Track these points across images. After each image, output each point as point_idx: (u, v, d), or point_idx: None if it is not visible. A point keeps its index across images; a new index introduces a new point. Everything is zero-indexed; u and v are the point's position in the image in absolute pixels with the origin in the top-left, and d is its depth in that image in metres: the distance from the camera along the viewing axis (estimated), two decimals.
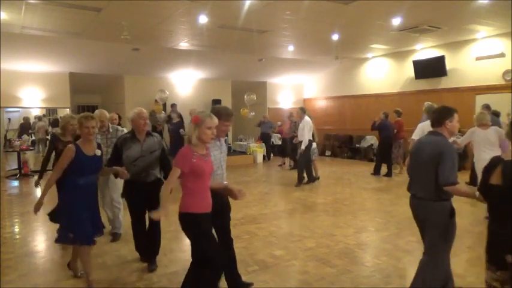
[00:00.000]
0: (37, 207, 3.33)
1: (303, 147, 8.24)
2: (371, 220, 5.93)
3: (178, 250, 4.46)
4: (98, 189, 3.80)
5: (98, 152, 3.42)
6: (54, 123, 11.84)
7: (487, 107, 7.71)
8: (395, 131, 9.79)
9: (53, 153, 4.42)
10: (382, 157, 9.81)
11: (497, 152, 5.22)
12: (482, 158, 5.39)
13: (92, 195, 3.51)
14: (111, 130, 4.95)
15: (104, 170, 3.70)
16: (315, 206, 6.71)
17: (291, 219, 6.10)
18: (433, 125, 2.96)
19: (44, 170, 4.48)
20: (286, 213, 6.52)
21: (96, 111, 4.79)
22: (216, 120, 2.76)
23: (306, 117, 8.39)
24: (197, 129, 2.70)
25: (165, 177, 3.69)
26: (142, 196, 3.77)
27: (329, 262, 4.09)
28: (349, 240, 4.82)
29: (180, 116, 12.52)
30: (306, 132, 8.22)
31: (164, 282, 3.65)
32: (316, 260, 4.16)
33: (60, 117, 7.36)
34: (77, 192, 3.32)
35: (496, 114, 8.00)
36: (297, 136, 8.68)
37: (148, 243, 3.97)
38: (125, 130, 4.92)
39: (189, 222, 2.73)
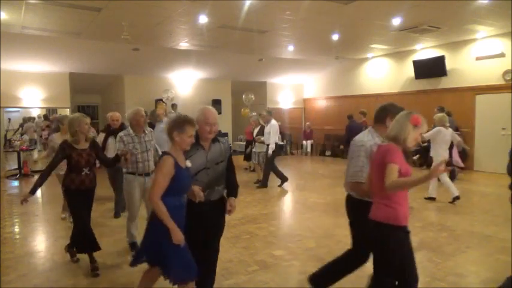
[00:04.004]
0: None
1: (270, 151, 8.17)
2: None
3: None
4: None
5: (189, 164, 2.65)
6: (45, 118, 11.83)
7: (441, 108, 8.56)
8: (363, 129, 10.06)
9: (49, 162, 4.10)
10: None
11: (447, 151, 6.50)
12: (440, 154, 6.26)
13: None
14: (147, 132, 4.39)
15: None
16: (315, 206, 6.71)
17: (291, 219, 6.10)
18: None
19: (43, 181, 3.64)
20: (286, 213, 6.53)
21: (135, 110, 4.27)
22: None
23: (273, 121, 8.35)
24: (416, 130, 2.40)
25: (230, 194, 2.97)
26: (204, 222, 2.82)
27: None
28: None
29: None
30: (272, 135, 8.17)
31: (164, 282, 3.64)
32: (316, 260, 4.15)
33: (56, 118, 7.09)
34: (176, 217, 2.56)
35: (449, 114, 8.51)
36: (260, 141, 8.59)
37: None
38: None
39: (389, 236, 2.40)
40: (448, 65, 10.74)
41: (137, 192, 4.20)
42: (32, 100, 11.23)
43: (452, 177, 8.32)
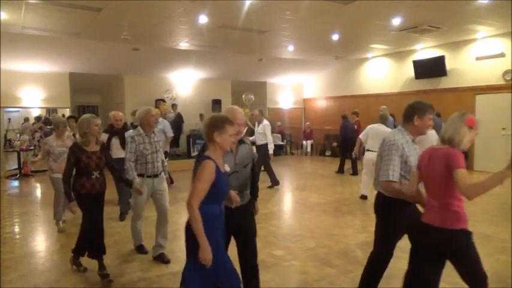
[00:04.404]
0: None
1: (271, 151, 8.04)
2: (371, 220, 5.92)
3: (178, 250, 4.46)
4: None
5: (227, 168, 2.51)
6: (46, 122, 11.82)
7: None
8: (355, 128, 10.61)
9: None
10: (344, 156, 10.31)
11: None
12: None
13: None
14: (155, 132, 4.31)
15: None
16: (315, 206, 6.71)
17: (291, 219, 6.10)
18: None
19: (69, 186, 3.61)
20: (286, 213, 6.53)
21: (146, 109, 4.17)
22: None
23: (265, 121, 8.20)
24: (472, 131, 2.34)
25: (252, 196, 2.89)
26: (237, 227, 2.73)
27: (329, 262, 4.09)
28: (349, 240, 4.81)
29: (180, 116, 12.53)
30: (268, 134, 8.04)
31: (164, 282, 3.65)
32: (316, 260, 4.16)
33: (55, 119, 6.79)
34: (217, 226, 2.41)
35: (438, 115, 9.03)
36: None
37: None
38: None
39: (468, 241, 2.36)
40: (448, 65, 10.74)
41: (145, 194, 4.07)
42: (32, 100, 11.23)
43: None
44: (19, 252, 4.53)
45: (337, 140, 13.43)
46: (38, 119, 12.32)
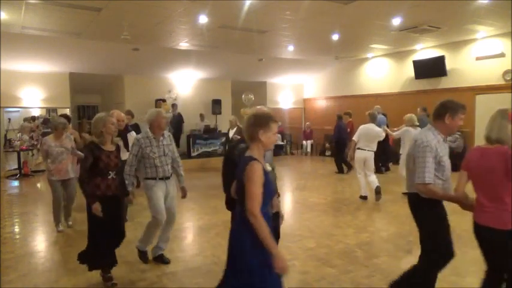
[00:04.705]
0: None
1: None
2: (371, 220, 5.93)
3: (177, 250, 4.46)
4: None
5: (269, 168, 2.40)
6: (45, 122, 11.83)
7: (424, 109, 9.33)
8: (348, 130, 10.78)
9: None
10: (338, 156, 10.47)
11: None
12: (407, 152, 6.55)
13: None
14: (165, 135, 4.08)
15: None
16: (315, 206, 6.71)
17: (291, 219, 6.10)
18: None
19: (88, 187, 3.38)
20: (286, 213, 6.51)
21: (157, 111, 4.00)
22: None
23: None
24: None
25: None
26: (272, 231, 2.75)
27: (329, 262, 4.09)
28: (349, 240, 4.81)
29: (180, 116, 12.54)
30: None
31: (164, 282, 3.65)
32: (316, 260, 4.16)
33: (54, 119, 6.30)
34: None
35: (427, 114, 9.19)
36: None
37: None
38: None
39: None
40: (448, 65, 10.74)
41: (161, 196, 3.91)
42: (32, 100, 11.23)
43: None
44: (19, 252, 4.52)
45: (331, 140, 13.47)
46: (33, 118, 12.33)
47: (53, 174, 5.13)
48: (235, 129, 8.67)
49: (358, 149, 6.84)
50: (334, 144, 10.98)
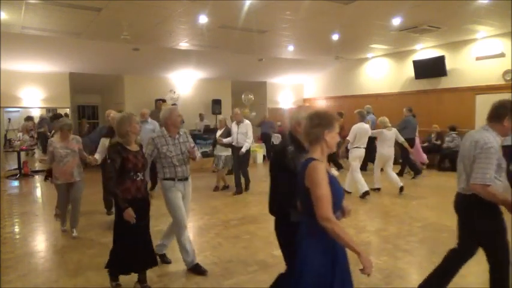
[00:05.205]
0: None
1: (244, 150, 7.52)
2: (371, 220, 5.93)
3: (178, 250, 4.46)
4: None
5: (336, 172, 2.27)
6: (40, 122, 11.84)
7: (410, 109, 9.78)
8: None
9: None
10: (329, 156, 10.41)
11: (393, 149, 7.56)
12: (383, 153, 7.48)
13: None
14: (181, 133, 3.94)
15: None
16: None
17: None
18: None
19: (116, 191, 3.21)
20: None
21: (171, 108, 3.85)
22: None
23: (246, 120, 7.86)
24: None
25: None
26: None
27: None
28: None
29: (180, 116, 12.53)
30: (251, 134, 7.67)
31: (164, 282, 3.65)
32: None
33: (59, 121, 5.62)
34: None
35: (414, 116, 9.81)
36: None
37: None
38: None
39: None
40: (448, 65, 10.74)
41: (181, 198, 3.81)
42: (32, 100, 11.23)
43: (417, 173, 9.31)
44: (19, 252, 4.52)
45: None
46: (29, 118, 12.34)
47: (58, 177, 4.94)
48: (223, 129, 8.04)
49: (356, 147, 7.28)
50: None
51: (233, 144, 7.72)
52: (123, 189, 3.22)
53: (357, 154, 7.29)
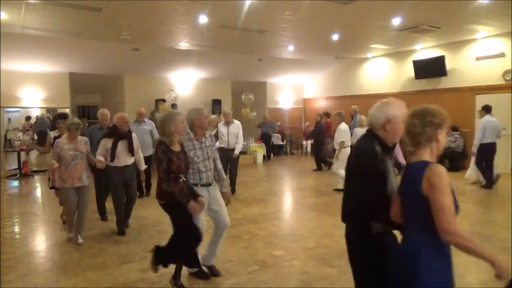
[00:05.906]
0: None
1: (237, 152, 7.42)
2: None
3: None
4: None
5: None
6: (60, 116, 11.86)
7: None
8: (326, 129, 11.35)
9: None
10: (318, 155, 11.11)
11: None
12: None
13: None
14: (207, 136, 3.71)
15: None
16: (315, 206, 6.71)
17: (291, 219, 6.10)
18: None
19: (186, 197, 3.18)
20: (286, 213, 6.53)
21: (198, 109, 3.64)
22: None
23: (236, 121, 7.69)
24: None
25: None
26: None
27: (329, 262, 4.09)
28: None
29: None
30: (241, 135, 7.54)
31: (164, 282, 3.65)
32: (317, 260, 4.16)
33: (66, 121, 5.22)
34: (445, 252, 1.89)
35: None
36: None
37: None
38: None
39: None
40: (448, 65, 10.73)
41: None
42: (32, 100, 11.23)
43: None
44: (19, 252, 4.52)
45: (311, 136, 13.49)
46: (29, 118, 12.35)
47: (65, 181, 4.59)
48: (215, 131, 7.50)
49: (347, 147, 7.68)
50: (314, 142, 11.70)
51: (222, 146, 7.31)
52: (167, 192, 3.13)
53: (347, 153, 7.47)
